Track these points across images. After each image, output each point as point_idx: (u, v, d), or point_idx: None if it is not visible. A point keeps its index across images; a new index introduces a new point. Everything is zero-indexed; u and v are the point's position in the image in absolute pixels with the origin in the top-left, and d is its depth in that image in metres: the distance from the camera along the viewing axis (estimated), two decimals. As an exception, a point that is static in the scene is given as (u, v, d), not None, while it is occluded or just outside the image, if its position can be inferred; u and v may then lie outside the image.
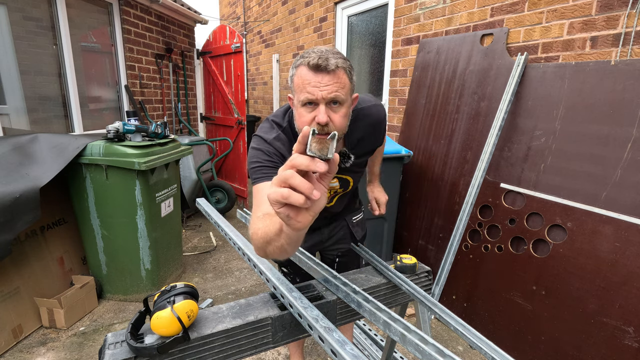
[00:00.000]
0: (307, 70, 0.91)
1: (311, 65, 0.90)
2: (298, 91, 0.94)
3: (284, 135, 1.07)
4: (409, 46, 2.85)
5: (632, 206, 1.50)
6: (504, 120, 1.96)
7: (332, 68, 0.90)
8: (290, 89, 1.00)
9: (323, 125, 0.92)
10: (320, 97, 0.91)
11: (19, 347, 1.98)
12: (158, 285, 2.46)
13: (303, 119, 0.95)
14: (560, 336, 1.68)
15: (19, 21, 2.72)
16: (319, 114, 0.91)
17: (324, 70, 0.90)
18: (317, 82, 0.90)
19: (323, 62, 0.89)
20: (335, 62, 0.90)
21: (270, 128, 1.09)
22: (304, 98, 0.92)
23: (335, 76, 0.91)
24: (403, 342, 0.73)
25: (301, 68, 0.93)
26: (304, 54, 0.94)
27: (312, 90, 0.91)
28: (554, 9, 1.89)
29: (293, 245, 0.73)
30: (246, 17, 6.38)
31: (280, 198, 0.51)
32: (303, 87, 0.92)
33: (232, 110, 4.44)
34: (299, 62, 0.95)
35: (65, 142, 2.18)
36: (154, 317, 0.74)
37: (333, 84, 0.91)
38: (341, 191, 1.24)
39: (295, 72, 0.96)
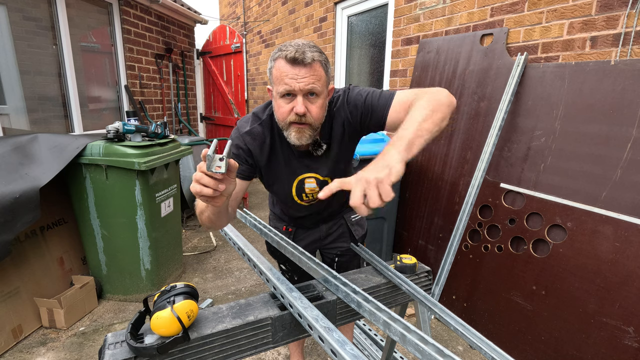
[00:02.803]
0: (285, 63, 0.95)
1: (289, 58, 0.94)
2: (276, 83, 0.98)
3: (260, 128, 1.11)
4: (408, 46, 2.85)
5: (632, 206, 1.50)
6: (503, 120, 1.96)
7: (309, 61, 0.94)
8: (270, 81, 1.04)
9: (301, 115, 0.97)
10: (297, 88, 0.95)
11: (19, 347, 1.98)
12: (158, 285, 2.46)
13: (282, 110, 1.00)
14: (560, 336, 1.68)
15: (19, 21, 2.72)
16: (296, 105, 0.97)
17: (300, 63, 0.94)
18: (294, 75, 0.94)
19: (300, 56, 0.93)
20: (312, 56, 0.94)
21: (248, 121, 1.14)
22: (282, 89, 0.97)
23: (312, 69, 0.95)
24: (403, 342, 0.73)
25: (279, 61, 0.96)
26: (282, 47, 0.97)
27: (290, 82, 0.95)
28: (554, 9, 1.89)
29: (217, 216, 0.96)
30: (246, 17, 6.38)
31: (196, 192, 0.73)
32: (281, 79, 0.96)
33: (232, 110, 4.44)
34: (277, 55, 0.97)
35: (65, 142, 2.18)
36: (154, 317, 0.74)
37: (310, 76, 0.95)
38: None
39: (273, 65, 0.99)
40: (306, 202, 1.26)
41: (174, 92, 4.49)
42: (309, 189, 1.21)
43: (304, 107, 0.97)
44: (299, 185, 1.20)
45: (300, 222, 1.41)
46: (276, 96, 1.00)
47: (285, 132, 1.05)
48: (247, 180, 1.17)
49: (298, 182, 1.20)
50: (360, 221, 1.49)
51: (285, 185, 1.21)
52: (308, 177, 1.19)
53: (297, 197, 1.23)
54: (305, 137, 1.03)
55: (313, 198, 1.24)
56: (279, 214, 1.44)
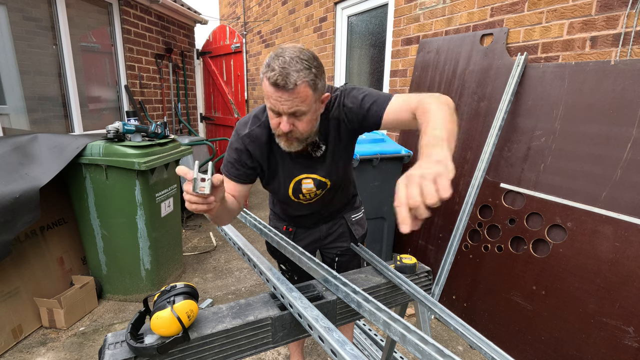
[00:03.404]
0: (269, 85, 0.93)
1: (271, 82, 0.92)
2: (266, 97, 0.98)
3: (259, 130, 1.12)
4: (408, 46, 2.85)
5: (632, 206, 1.50)
6: (503, 120, 1.96)
7: (291, 87, 0.91)
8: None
9: (286, 132, 1.00)
10: (281, 110, 0.96)
11: (19, 347, 1.98)
12: (158, 285, 2.46)
13: (272, 121, 1.03)
14: (560, 336, 1.68)
15: (19, 21, 2.71)
16: (282, 123, 0.98)
17: (283, 89, 0.91)
18: (277, 97, 0.94)
19: (282, 81, 0.90)
20: (295, 79, 0.90)
21: (247, 123, 1.15)
22: (269, 106, 0.98)
23: (295, 93, 0.92)
24: (403, 342, 0.73)
25: (264, 80, 0.95)
26: (269, 64, 0.92)
27: (274, 104, 0.95)
28: (554, 9, 1.89)
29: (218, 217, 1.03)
30: (246, 17, 6.38)
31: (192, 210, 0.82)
32: (267, 97, 0.97)
33: (232, 110, 4.44)
34: (264, 72, 0.95)
35: (65, 142, 2.18)
36: (154, 317, 0.74)
37: (293, 99, 0.93)
38: (320, 192, 1.24)
39: (262, 79, 0.97)
40: (304, 201, 1.26)
41: (174, 92, 4.49)
42: (306, 190, 1.21)
43: (289, 126, 0.98)
44: (295, 186, 1.21)
45: (300, 222, 1.41)
46: (268, 107, 1.01)
47: (277, 139, 1.07)
48: (249, 183, 1.18)
49: (295, 183, 1.20)
50: (361, 221, 1.49)
51: (282, 185, 1.22)
52: (305, 177, 1.19)
53: (294, 196, 1.24)
54: (293, 146, 1.05)
55: (310, 197, 1.25)
56: (279, 214, 1.45)
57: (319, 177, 1.20)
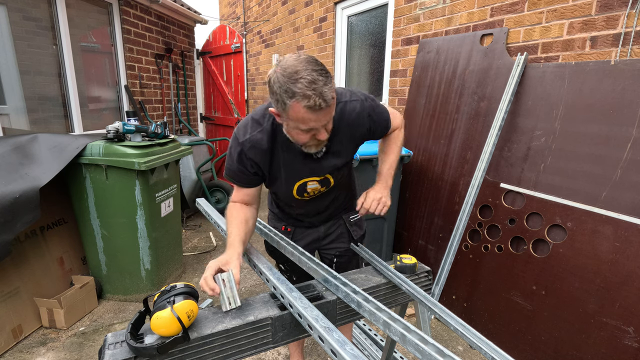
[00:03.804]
0: (306, 111, 0.90)
1: (311, 108, 0.89)
2: (297, 121, 0.95)
3: (260, 135, 1.10)
4: (408, 46, 2.85)
5: (632, 206, 1.50)
6: (503, 120, 1.96)
7: (329, 104, 0.92)
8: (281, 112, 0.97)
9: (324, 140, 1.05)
10: (320, 126, 0.98)
11: (18, 347, 1.98)
12: (158, 285, 2.46)
13: (301, 137, 1.02)
14: (560, 336, 1.68)
15: (19, 21, 2.72)
16: (319, 135, 1.01)
17: (322, 110, 0.91)
18: (316, 119, 0.94)
19: (322, 103, 0.90)
20: (330, 96, 0.91)
21: (246, 127, 1.13)
22: (305, 128, 0.97)
23: (331, 107, 0.95)
24: (403, 342, 0.73)
25: (298, 107, 0.90)
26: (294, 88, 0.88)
27: (314, 125, 0.96)
28: (554, 9, 1.89)
29: None
30: (246, 17, 6.38)
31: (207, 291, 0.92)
32: (303, 122, 0.94)
33: (232, 110, 4.44)
34: (293, 99, 0.89)
35: (65, 142, 2.18)
36: (154, 317, 0.74)
37: (329, 113, 0.96)
38: (324, 189, 1.27)
39: (289, 106, 0.91)
40: (308, 198, 1.28)
41: (174, 92, 4.49)
42: (311, 189, 1.24)
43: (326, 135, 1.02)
44: (301, 187, 1.22)
45: (299, 222, 1.42)
46: (293, 127, 0.99)
47: (304, 148, 1.09)
48: (258, 185, 1.22)
49: (301, 184, 1.21)
50: (359, 222, 1.49)
51: (286, 186, 1.22)
52: (310, 180, 1.21)
53: (298, 195, 1.25)
54: (322, 145, 1.12)
55: (315, 194, 1.27)
56: (277, 214, 1.45)
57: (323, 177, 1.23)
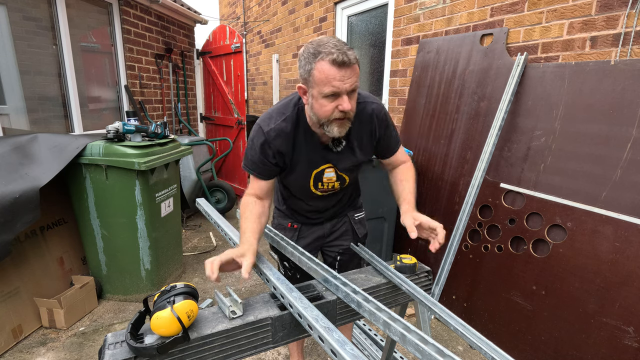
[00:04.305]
0: (330, 66, 0.97)
1: (336, 61, 0.96)
2: (320, 84, 1.00)
3: (284, 124, 1.15)
4: (408, 46, 2.85)
5: (632, 206, 1.50)
6: (503, 120, 1.96)
7: (353, 63, 0.98)
8: (306, 81, 1.05)
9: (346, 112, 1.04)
10: (344, 89, 1.00)
11: (18, 347, 1.98)
12: (158, 285, 2.46)
13: (325, 108, 1.04)
14: (560, 336, 1.68)
15: (19, 21, 2.71)
16: (343, 104, 1.02)
17: (347, 65, 0.97)
18: (341, 77, 0.98)
19: (345, 58, 0.96)
20: (353, 56, 0.98)
21: (270, 118, 1.17)
22: (329, 91, 1.00)
23: (354, 69, 1.00)
24: (403, 342, 0.73)
25: (322, 63, 0.98)
26: (320, 49, 0.98)
27: (338, 85, 0.98)
28: (554, 9, 1.89)
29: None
30: (246, 17, 6.38)
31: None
32: (327, 81, 0.99)
33: (232, 110, 4.44)
34: (318, 57, 0.98)
35: (65, 142, 2.18)
36: (154, 317, 0.74)
37: (353, 75, 1.00)
38: (338, 185, 1.30)
39: (314, 67, 1.00)
40: (320, 192, 1.30)
41: (174, 92, 4.49)
42: (327, 179, 1.27)
43: (350, 104, 1.03)
44: (317, 175, 1.25)
45: (306, 219, 1.44)
46: (317, 96, 1.03)
47: (326, 127, 1.10)
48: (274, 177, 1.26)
49: (318, 172, 1.25)
50: (362, 220, 1.51)
51: (303, 176, 1.25)
52: (328, 167, 1.24)
53: (314, 186, 1.28)
54: (345, 128, 1.11)
55: (329, 188, 1.29)
56: (284, 211, 1.47)
57: (340, 172, 1.27)
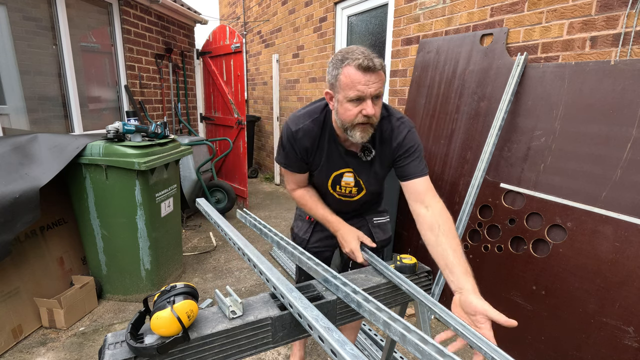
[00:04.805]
0: (356, 71, 1.03)
1: (362, 67, 1.02)
2: (346, 89, 1.06)
3: (311, 125, 1.23)
4: (408, 46, 2.85)
5: (632, 206, 1.50)
6: (503, 120, 1.96)
7: (379, 68, 1.04)
8: (332, 86, 1.12)
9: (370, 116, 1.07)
10: (368, 94, 1.05)
11: (18, 347, 1.98)
12: (158, 285, 2.46)
13: (350, 113, 1.09)
14: (560, 336, 1.68)
15: (19, 21, 2.71)
16: (367, 108, 1.06)
17: (372, 71, 1.03)
18: (366, 81, 1.03)
19: (371, 64, 1.02)
20: (379, 62, 1.04)
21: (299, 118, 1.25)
22: (353, 95, 1.05)
23: (379, 75, 1.05)
24: (403, 342, 0.73)
25: (349, 68, 1.04)
26: (348, 55, 1.05)
27: (362, 89, 1.04)
28: (554, 9, 1.89)
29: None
30: (246, 17, 6.38)
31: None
32: (352, 85, 1.04)
33: (232, 110, 4.44)
34: (345, 63, 1.05)
35: (65, 142, 2.18)
36: (154, 317, 0.74)
37: (378, 81, 1.05)
38: (355, 191, 1.34)
39: (341, 72, 1.06)
40: (337, 194, 1.36)
41: (174, 92, 4.49)
42: (345, 182, 1.32)
43: (374, 109, 1.07)
44: (336, 178, 1.32)
45: None
46: (342, 100, 1.09)
47: (350, 132, 1.14)
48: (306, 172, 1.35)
49: (336, 175, 1.31)
50: (383, 225, 1.50)
51: (324, 175, 1.32)
52: (347, 171, 1.30)
53: (332, 187, 1.35)
54: (368, 134, 1.14)
55: (346, 192, 1.34)
56: None
57: (358, 179, 1.30)
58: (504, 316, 0.82)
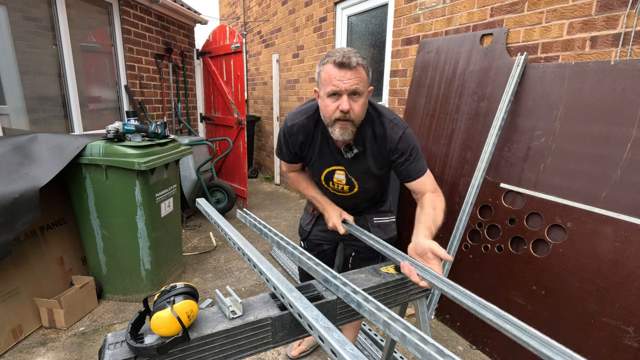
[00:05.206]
0: (333, 67, 1.10)
1: (336, 62, 1.09)
2: (325, 84, 1.13)
3: (306, 121, 1.31)
4: (408, 46, 2.85)
5: (632, 206, 1.50)
6: (503, 120, 1.96)
7: (354, 65, 1.09)
8: (317, 83, 1.20)
9: (345, 112, 1.12)
10: (343, 89, 1.10)
11: (18, 348, 1.98)
12: (158, 285, 2.46)
13: (328, 108, 1.15)
14: (560, 336, 1.68)
15: (19, 21, 2.71)
16: (342, 103, 1.11)
17: (346, 67, 1.09)
18: (341, 77, 1.09)
19: (346, 60, 1.08)
20: (356, 60, 1.09)
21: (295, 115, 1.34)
22: (329, 90, 1.12)
23: (356, 72, 1.10)
24: (403, 342, 0.73)
25: (327, 65, 1.12)
26: (329, 54, 1.13)
27: (337, 84, 1.10)
28: (554, 9, 1.89)
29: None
30: (246, 17, 6.38)
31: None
32: (329, 81, 1.11)
33: (232, 110, 4.44)
34: (325, 60, 1.13)
35: (64, 142, 2.18)
36: (154, 317, 0.74)
37: (354, 78, 1.10)
38: (347, 189, 1.39)
39: (322, 69, 1.15)
40: (331, 189, 1.43)
41: (174, 92, 4.49)
42: (337, 179, 1.38)
43: (349, 105, 1.12)
44: (328, 174, 1.39)
45: None
46: (323, 96, 1.16)
47: (330, 128, 1.20)
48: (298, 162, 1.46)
49: (328, 172, 1.39)
50: (383, 225, 1.51)
51: (317, 170, 1.41)
52: (338, 169, 1.36)
53: (325, 183, 1.42)
54: (347, 132, 1.18)
55: (339, 188, 1.40)
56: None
57: (350, 177, 1.35)
58: (444, 251, 1.02)
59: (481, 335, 2.00)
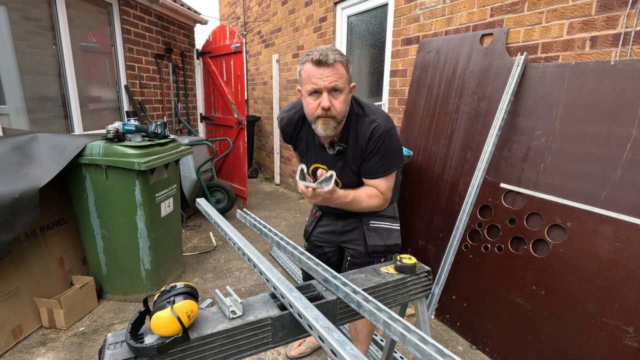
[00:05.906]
0: (312, 65, 1.12)
1: (314, 60, 1.11)
2: (305, 83, 1.16)
3: (294, 115, 1.37)
4: (408, 46, 2.85)
5: (632, 206, 1.50)
6: (503, 120, 1.96)
7: (331, 62, 1.11)
8: (300, 83, 1.23)
9: (326, 109, 1.14)
10: (322, 86, 1.12)
11: (18, 348, 1.98)
12: (158, 285, 2.46)
13: (310, 106, 1.18)
14: (560, 336, 1.68)
15: (19, 21, 2.71)
16: (322, 100, 1.13)
17: (325, 64, 1.11)
18: (319, 75, 1.11)
19: (324, 58, 1.10)
20: (334, 57, 1.11)
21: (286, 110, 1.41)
22: (310, 88, 1.14)
23: (334, 69, 1.12)
24: (403, 342, 0.73)
25: (307, 64, 1.15)
26: (308, 53, 1.16)
27: (316, 82, 1.12)
28: (554, 9, 1.89)
29: None
30: (246, 17, 6.38)
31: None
32: (309, 79, 1.14)
33: (232, 110, 4.44)
34: (304, 60, 1.16)
35: (64, 142, 2.18)
36: (154, 317, 0.74)
37: (333, 75, 1.12)
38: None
39: (302, 68, 1.17)
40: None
41: (173, 92, 4.49)
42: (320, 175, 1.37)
43: (329, 102, 1.14)
44: (313, 171, 1.42)
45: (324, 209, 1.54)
46: (305, 95, 1.19)
47: (314, 125, 1.22)
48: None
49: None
50: (381, 231, 1.42)
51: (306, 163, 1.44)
52: (322, 167, 1.38)
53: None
54: (330, 128, 1.20)
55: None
56: None
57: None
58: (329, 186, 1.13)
59: (481, 335, 2.00)
